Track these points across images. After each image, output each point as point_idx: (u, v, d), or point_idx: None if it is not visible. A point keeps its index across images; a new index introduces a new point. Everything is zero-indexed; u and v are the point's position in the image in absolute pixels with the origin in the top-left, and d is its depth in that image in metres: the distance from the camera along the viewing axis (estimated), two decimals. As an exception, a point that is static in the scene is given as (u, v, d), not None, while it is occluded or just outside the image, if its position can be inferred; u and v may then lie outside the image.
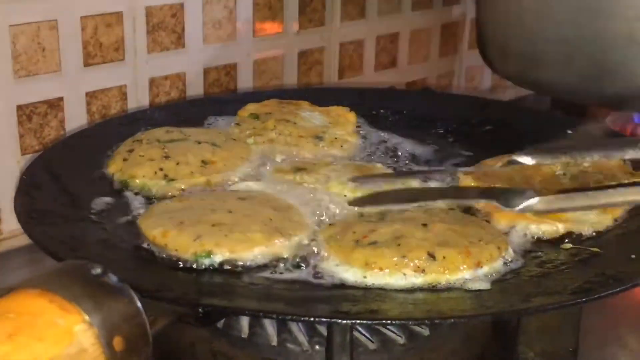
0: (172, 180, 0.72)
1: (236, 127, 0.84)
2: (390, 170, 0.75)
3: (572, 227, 0.65)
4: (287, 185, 0.70)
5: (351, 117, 0.86)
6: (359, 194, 0.68)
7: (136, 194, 0.72)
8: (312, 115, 0.84)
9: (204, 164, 0.74)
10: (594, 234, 0.66)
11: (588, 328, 0.68)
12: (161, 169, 0.73)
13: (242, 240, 0.61)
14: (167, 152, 0.75)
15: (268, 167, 0.75)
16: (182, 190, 0.71)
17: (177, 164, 0.73)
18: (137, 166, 0.73)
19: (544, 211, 0.59)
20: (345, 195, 0.68)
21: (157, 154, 0.74)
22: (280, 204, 0.68)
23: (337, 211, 0.67)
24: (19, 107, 0.85)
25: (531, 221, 0.65)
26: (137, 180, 0.72)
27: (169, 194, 0.71)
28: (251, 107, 0.87)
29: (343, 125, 0.84)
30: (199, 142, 0.77)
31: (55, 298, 0.43)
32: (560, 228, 0.65)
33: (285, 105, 0.87)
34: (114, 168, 0.74)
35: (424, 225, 0.62)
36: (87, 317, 0.43)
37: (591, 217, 0.66)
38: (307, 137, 0.80)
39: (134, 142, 0.78)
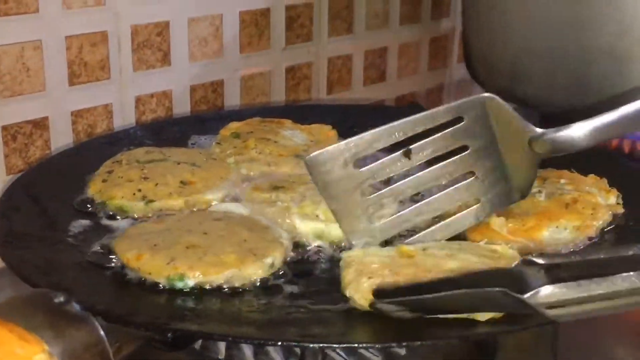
0: (151, 201, 0.72)
1: (217, 146, 0.84)
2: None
3: (546, 248, 0.65)
4: (263, 205, 0.71)
5: (332, 134, 0.86)
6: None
7: (115, 215, 0.72)
8: (293, 134, 0.85)
9: (183, 184, 0.74)
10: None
11: (567, 342, 0.68)
12: (140, 190, 0.73)
13: (215, 263, 0.61)
14: (146, 173, 0.75)
15: (246, 187, 0.75)
16: (160, 211, 0.72)
17: (156, 185, 0.74)
18: (116, 187, 0.73)
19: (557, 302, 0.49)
20: (317, 216, 0.68)
21: (136, 175, 0.75)
22: (256, 224, 0.68)
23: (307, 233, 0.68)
24: (4, 128, 0.86)
25: (504, 239, 0.65)
26: (116, 202, 0.72)
27: (149, 215, 0.72)
28: (233, 126, 0.87)
29: (324, 144, 0.84)
30: (179, 163, 0.77)
31: (15, 328, 0.43)
32: (533, 247, 0.65)
33: (267, 123, 0.87)
34: (94, 189, 0.75)
35: None
36: (46, 347, 0.43)
37: (565, 236, 0.66)
38: (287, 155, 0.80)
39: (113, 163, 0.78)
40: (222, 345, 0.65)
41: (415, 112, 1.09)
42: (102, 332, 0.46)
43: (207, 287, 0.60)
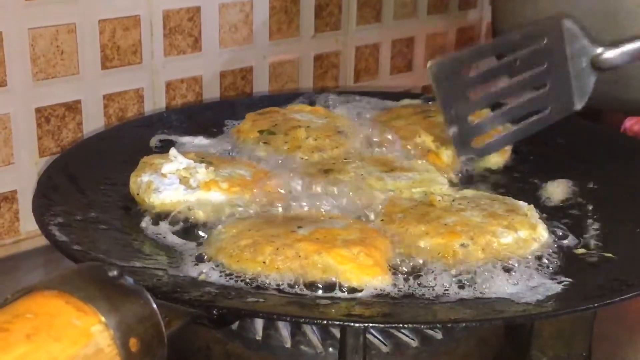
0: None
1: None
2: None
3: None
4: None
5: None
6: None
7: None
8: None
9: None
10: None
11: (602, 333, 0.68)
12: None
13: None
14: None
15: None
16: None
17: None
18: None
19: None
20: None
21: None
22: None
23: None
24: (38, 110, 0.86)
25: None
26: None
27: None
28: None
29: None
30: None
31: (71, 299, 0.44)
32: None
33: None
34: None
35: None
36: (103, 318, 0.44)
37: None
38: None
39: None
40: (259, 326, 0.66)
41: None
42: (154, 306, 0.46)
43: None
